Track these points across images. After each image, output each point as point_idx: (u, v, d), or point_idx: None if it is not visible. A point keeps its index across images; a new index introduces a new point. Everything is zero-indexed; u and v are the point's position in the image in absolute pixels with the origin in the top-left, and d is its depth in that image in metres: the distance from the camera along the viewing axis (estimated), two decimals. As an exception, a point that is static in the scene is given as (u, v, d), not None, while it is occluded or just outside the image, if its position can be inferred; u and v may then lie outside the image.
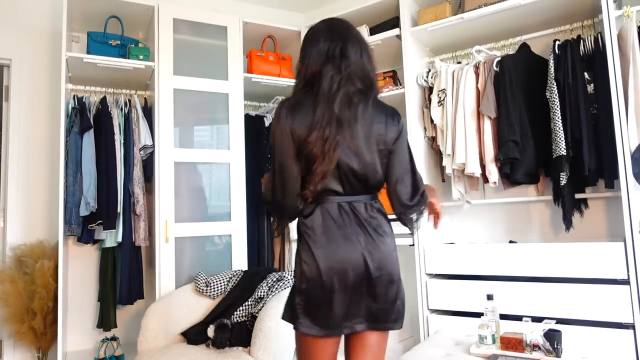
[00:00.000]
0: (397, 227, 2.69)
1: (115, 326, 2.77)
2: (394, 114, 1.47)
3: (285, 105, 1.41)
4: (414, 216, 1.49)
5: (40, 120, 2.95)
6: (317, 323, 1.35)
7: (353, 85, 1.41)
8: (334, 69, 1.40)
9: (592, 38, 2.28)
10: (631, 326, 1.95)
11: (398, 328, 1.43)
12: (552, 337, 1.76)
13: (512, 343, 1.84)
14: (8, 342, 2.71)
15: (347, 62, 1.41)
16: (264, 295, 2.36)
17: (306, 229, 1.40)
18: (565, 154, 2.24)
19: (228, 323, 2.19)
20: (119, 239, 2.67)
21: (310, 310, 1.36)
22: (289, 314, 1.41)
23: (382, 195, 1.86)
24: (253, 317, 2.34)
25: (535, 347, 1.80)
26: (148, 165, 2.82)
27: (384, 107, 1.47)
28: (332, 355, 1.43)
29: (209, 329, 2.18)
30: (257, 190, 2.72)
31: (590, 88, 2.27)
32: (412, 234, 1.96)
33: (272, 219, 1.58)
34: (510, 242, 2.68)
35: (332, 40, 1.43)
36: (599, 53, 2.23)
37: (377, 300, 1.38)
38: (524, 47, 2.54)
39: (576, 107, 2.24)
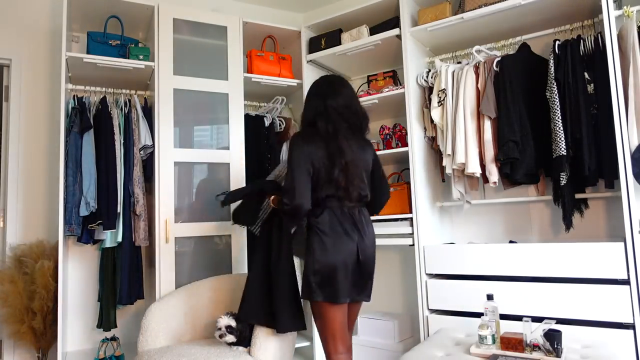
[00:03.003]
0: (395, 228, 2.72)
1: (115, 326, 2.77)
2: (370, 144, 2.07)
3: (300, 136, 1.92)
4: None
5: (40, 120, 2.95)
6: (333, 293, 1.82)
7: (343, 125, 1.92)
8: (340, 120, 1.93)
9: (592, 38, 2.27)
10: (631, 326, 1.95)
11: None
12: (552, 337, 1.76)
13: (512, 343, 1.84)
14: (8, 342, 2.71)
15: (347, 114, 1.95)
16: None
17: (317, 225, 1.85)
18: (565, 154, 2.24)
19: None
20: (119, 239, 2.67)
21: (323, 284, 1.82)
22: (307, 291, 1.83)
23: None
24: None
25: (535, 347, 1.80)
26: (148, 165, 2.82)
27: (365, 139, 2.04)
28: (343, 318, 1.86)
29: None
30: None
31: (590, 88, 2.27)
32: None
33: (286, 221, 1.95)
34: (510, 242, 2.68)
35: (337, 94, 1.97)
36: (599, 53, 2.22)
37: (363, 279, 1.92)
38: (524, 47, 2.54)
39: (576, 107, 2.24)
